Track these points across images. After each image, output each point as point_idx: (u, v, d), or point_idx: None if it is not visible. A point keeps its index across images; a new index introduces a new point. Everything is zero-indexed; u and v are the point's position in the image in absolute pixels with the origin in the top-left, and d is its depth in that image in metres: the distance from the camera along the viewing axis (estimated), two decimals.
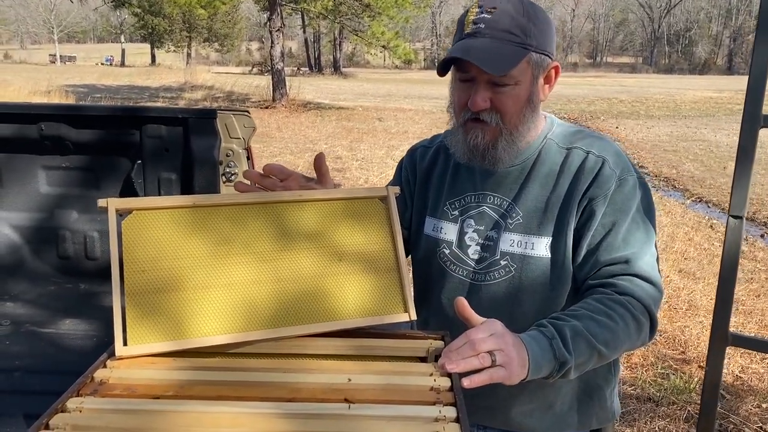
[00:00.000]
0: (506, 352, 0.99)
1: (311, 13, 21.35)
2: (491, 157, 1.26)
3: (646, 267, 1.21)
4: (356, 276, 1.17)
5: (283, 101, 19.32)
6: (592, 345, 1.10)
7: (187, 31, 47.60)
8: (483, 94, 1.21)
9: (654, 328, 1.21)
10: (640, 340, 1.19)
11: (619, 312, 1.14)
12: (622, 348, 1.17)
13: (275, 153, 11.27)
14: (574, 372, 1.10)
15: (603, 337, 1.11)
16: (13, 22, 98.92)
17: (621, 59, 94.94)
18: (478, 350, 0.97)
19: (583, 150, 1.28)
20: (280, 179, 1.23)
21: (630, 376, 3.66)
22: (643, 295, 1.18)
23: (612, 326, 1.13)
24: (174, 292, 1.06)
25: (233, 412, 0.87)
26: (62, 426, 0.85)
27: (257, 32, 69.17)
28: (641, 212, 1.25)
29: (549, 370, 1.07)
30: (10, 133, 2.14)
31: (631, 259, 1.21)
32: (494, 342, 0.98)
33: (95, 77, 31.23)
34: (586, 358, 1.10)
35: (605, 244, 1.23)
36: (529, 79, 1.22)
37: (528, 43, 1.20)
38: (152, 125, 2.13)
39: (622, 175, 1.25)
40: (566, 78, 50.36)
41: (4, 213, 2.26)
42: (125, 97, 21.38)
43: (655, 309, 1.20)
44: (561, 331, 1.09)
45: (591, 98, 26.66)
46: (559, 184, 1.27)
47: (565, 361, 1.07)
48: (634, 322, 1.16)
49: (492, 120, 1.23)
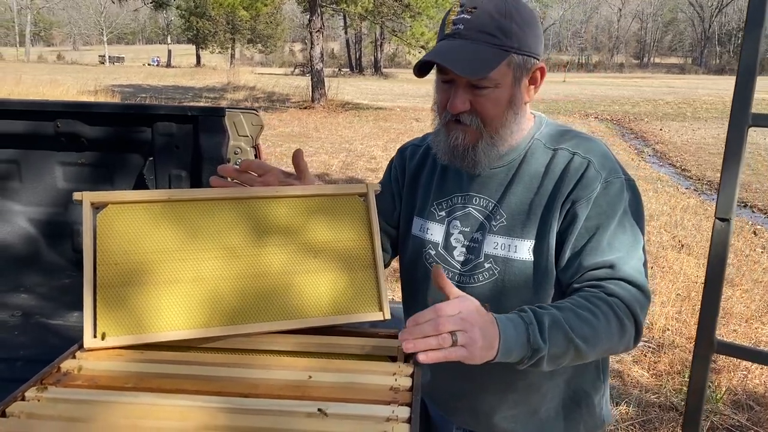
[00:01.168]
0: (470, 334, 0.96)
1: (351, 13, 21.45)
2: (471, 159, 1.23)
3: (632, 271, 1.17)
4: (330, 273, 1.16)
5: (321, 102, 19.46)
6: (569, 338, 1.06)
7: (231, 32, 48.39)
8: (462, 97, 1.18)
9: (639, 333, 1.16)
10: (623, 344, 1.15)
11: (602, 310, 1.11)
12: (602, 347, 1.12)
13: (311, 153, 11.35)
14: (547, 363, 1.06)
15: (582, 332, 1.07)
16: (66, 24, 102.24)
17: (669, 60, 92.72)
18: (440, 330, 0.94)
19: (568, 151, 1.23)
20: (259, 174, 1.22)
21: (655, 383, 3.57)
22: (629, 298, 1.14)
23: (593, 322, 1.09)
24: (144, 285, 1.07)
25: (184, 406, 0.88)
26: (17, 414, 0.86)
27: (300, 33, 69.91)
28: (628, 215, 1.20)
29: (520, 355, 1.04)
30: (28, 129, 2.20)
31: (617, 263, 1.16)
32: (459, 322, 0.95)
33: (141, 78, 32.03)
34: (562, 351, 1.07)
35: (589, 248, 1.18)
36: (510, 82, 1.18)
37: (508, 45, 1.16)
38: (163, 123, 2.16)
39: (608, 177, 1.20)
40: (611, 79, 49.40)
41: (22, 207, 2.32)
42: (169, 97, 21.85)
43: (641, 314, 1.15)
44: (540, 318, 1.06)
45: (636, 99, 26.10)
46: (543, 185, 1.23)
47: (538, 348, 1.04)
48: (618, 322, 1.12)
49: (472, 123, 1.20)
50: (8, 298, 2.16)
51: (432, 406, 1.49)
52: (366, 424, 0.85)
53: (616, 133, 15.77)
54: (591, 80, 46.31)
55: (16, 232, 2.31)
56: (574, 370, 1.32)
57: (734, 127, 1.10)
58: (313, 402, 0.89)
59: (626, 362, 3.82)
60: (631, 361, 3.84)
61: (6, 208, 2.33)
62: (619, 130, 16.53)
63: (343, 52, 61.88)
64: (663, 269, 5.57)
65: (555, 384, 1.32)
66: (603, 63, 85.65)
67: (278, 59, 71.77)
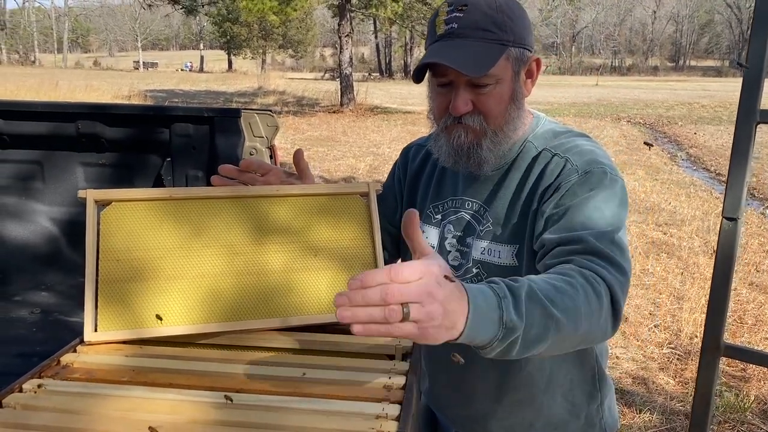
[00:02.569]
0: (427, 309, 0.73)
1: (381, 18, 21.52)
2: (476, 157, 1.19)
3: (608, 248, 1.03)
4: (330, 272, 1.16)
5: (350, 106, 19.55)
6: (548, 313, 0.87)
7: (263, 38, 48.93)
8: (464, 98, 1.15)
9: (617, 314, 0.99)
10: (600, 326, 0.96)
11: (579, 282, 0.94)
12: (583, 325, 0.92)
13: (338, 156, 11.40)
14: (521, 346, 0.85)
15: (562, 304, 0.88)
16: (102, 31, 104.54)
17: (705, 62, 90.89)
18: (388, 300, 0.71)
19: (550, 152, 1.19)
20: (260, 174, 1.23)
21: (681, 391, 3.49)
22: (604, 273, 0.99)
23: (572, 293, 0.91)
24: (145, 281, 1.08)
25: (176, 400, 0.88)
26: (13, 404, 0.88)
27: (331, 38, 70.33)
28: (607, 201, 1.10)
29: (488, 336, 0.81)
30: (50, 130, 2.25)
31: (585, 238, 1.03)
32: (415, 291, 0.72)
33: (174, 83, 32.58)
34: (541, 330, 0.86)
35: (560, 225, 1.09)
36: (510, 76, 1.16)
37: (505, 38, 1.13)
38: (180, 124, 2.19)
39: (587, 168, 1.13)
40: (645, 82, 48.63)
41: (45, 207, 2.37)
42: (201, 102, 22.18)
43: (619, 292, 0.99)
44: (514, 290, 0.85)
45: (670, 103, 25.64)
46: (524, 189, 1.19)
47: (513, 327, 0.82)
48: (596, 297, 0.94)
49: (475, 122, 1.17)
50: (28, 295, 2.21)
51: (436, 411, 1.48)
52: (355, 420, 0.84)
53: (648, 137, 15.50)
54: (624, 83, 45.68)
55: (38, 232, 2.36)
56: (570, 381, 1.29)
57: (742, 125, 1.06)
58: (305, 398, 0.89)
59: (652, 369, 3.75)
60: (657, 368, 3.77)
61: (29, 208, 2.38)
62: (652, 134, 16.24)
63: (374, 56, 62.07)
64: (693, 275, 5.45)
65: (550, 397, 1.29)
66: (637, 66, 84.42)
67: (309, 64, 72.34)
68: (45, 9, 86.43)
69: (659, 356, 3.90)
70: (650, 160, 11.97)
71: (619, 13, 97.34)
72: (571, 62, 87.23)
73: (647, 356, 3.91)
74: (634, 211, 7.73)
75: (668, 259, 5.85)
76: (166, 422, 0.84)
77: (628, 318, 4.45)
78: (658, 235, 6.74)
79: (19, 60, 66.98)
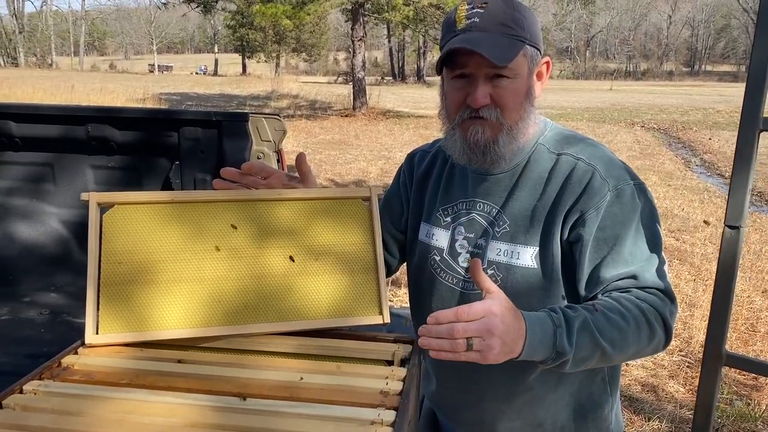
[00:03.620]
0: (487, 341, 0.95)
1: (394, 22, 21.54)
2: (493, 153, 1.20)
3: (656, 279, 1.15)
4: (331, 276, 1.16)
5: (362, 109, 19.58)
6: (596, 341, 1.05)
7: (277, 42, 49.15)
8: (483, 90, 1.16)
9: (669, 338, 1.14)
10: (651, 348, 1.14)
11: (633, 313, 1.09)
12: (629, 351, 1.11)
13: (350, 160, 11.42)
14: (572, 365, 1.06)
15: (610, 335, 1.06)
16: (118, 34, 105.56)
17: (721, 67, 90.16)
18: (455, 336, 0.94)
19: (573, 157, 1.20)
20: (262, 177, 1.23)
21: (690, 399, 3.45)
22: (658, 303, 1.13)
23: (623, 326, 1.08)
24: (147, 284, 1.09)
25: (173, 403, 0.89)
26: (13, 405, 0.89)
27: (344, 42, 70.52)
28: (645, 221, 1.17)
29: (543, 356, 1.04)
30: (61, 133, 2.28)
31: (639, 273, 1.15)
32: (478, 328, 0.95)
33: (188, 86, 32.79)
34: (588, 353, 1.06)
35: (610, 260, 1.16)
36: (526, 72, 1.18)
37: (523, 35, 1.16)
38: (189, 128, 2.21)
39: (618, 184, 1.17)
40: (661, 87, 48.30)
41: (55, 209, 2.40)
42: (215, 105, 22.31)
43: (671, 319, 1.14)
44: (569, 321, 1.05)
45: (685, 108, 25.45)
46: (546, 192, 1.20)
47: (563, 352, 1.03)
48: (648, 327, 1.10)
49: (492, 116, 1.18)
50: (38, 296, 2.23)
51: (440, 415, 1.47)
52: (349, 426, 0.85)
53: (662, 143, 15.39)
54: (639, 88, 45.42)
55: (48, 233, 2.39)
56: (580, 382, 1.29)
57: (745, 132, 1.05)
58: (301, 403, 0.90)
59: (662, 377, 3.71)
60: (667, 376, 3.73)
61: (40, 209, 2.41)
62: (666, 140, 16.13)
63: (387, 60, 62.18)
64: (706, 282, 5.39)
65: (560, 396, 1.29)
66: (652, 71, 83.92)
67: (322, 68, 72.57)
68: (62, 12, 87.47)
69: (669, 364, 3.86)
70: (664, 165, 11.88)
71: (634, 18, 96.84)
72: (585, 67, 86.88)
73: (657, 364, 3.87)
74: None
75: (680, 266, 5.80)
76: (162, 425, 0.84)
77: None
78: (671, 241, 6.68)
79: (36, 63, 67.75)
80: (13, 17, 67.03)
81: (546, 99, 31.34)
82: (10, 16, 67.94)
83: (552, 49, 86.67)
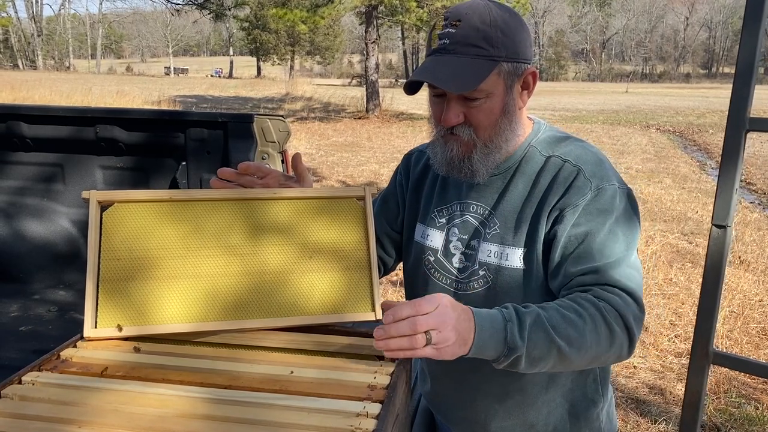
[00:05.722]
0: (443, 333, 0.95)
1: (407, 25, 21.57)
2: (467, 169, 1.22)
3: (622, 278, 1.11)
4: (326, 273, 1.18)
5: (375, 112, 19.63)
6: (551, 338, 1.02)
7: (291, 44, 49.38)
8: (455, 110, 1.17)
9: (632, 343, 1.09)
10: (614, 351, 1.08)
11: (590, 312, 1.05)
12: (589, 352, 1.05)
13: (362, 162, 11.46)
14: (526, 363, 1.02)
15: (566, 333, 1.02)
16: (135, 38, 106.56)
17: None
18: (417, 329, 0.93)
19: (560, 158, 1.21)
20: (259, 177, 1.26)
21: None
22: (619, 303, 1.08)
23: (579, 324, 1.04)
24: (145, 280, 1.11)
25: (166, 395, 0.91)
26: (11, 396, 0.92)
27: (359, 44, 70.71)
28: (620, 223, 1.16)
29: (495, 353, 1.01)
30: (71, 134, 2.32)
31: (604, 269, 1.12)
32: (434, 320, 0.94)
33: (203, 88, 33.05)
34: (543, 351, 1.02)
35: (577, 254, 1.14)
36: (502, 90, 1.17)
37: (496, 54, 1.14)
38: (195, 129, 2.24)
39: (600, 184, 1.17)
40: (677, 89, 47.93)
41: (65, 208, 2.45)
42: (229, 107, 22.46)
43: (633, 321, 1.08)
44: (520, 316, 1.02)
45: (701, 110, 25.24)
46: (533, 193, 1.21)
47: (515, 347, 1.00)
48: (606, 327, 1.06)
49: (465, 134, 1.19)
50: (47, 293, 2.28)
51: (436, 414, 1.49)
52: (335, 417, 0.86)
53: (677, 146, 15.28)
54: (655, 90, 45.07)
55: (58, 232, 2.43)
56: (572, 383, 1.30)
57: (731, 133, 1.06)
58: (289, 395, 0.92)
59: (670, 379, 3.70)
60: (675, 379, 3.71)
61: (51, 208, 2.45)
62: (681, 142, 16.01)
63: (401, 62, 62.21)
64: None
65: (551, 398, 1.30)
66: (668, 73, 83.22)
67: (336, 70, 72.79)
68: (80, 16, 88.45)
69: (678, 366, 3.85)
70: (678, 168, 11.80)
71: (650, 20, 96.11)
72: (601, 69, 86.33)
73: (666, 366, 3.86)
74: (660, 220, 7.63)
75: (693, 269, 5.76)
76: (155, 415, 0.87)
77: (648, 328, 4.40)
78: (684, 244, 6.64)
79: (54, 66, 68.64)
80: (31, 21, 67.94)
81: (560, 101, 31.19)
82: (29, 19, 68.86)
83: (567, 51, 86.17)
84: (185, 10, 20.30)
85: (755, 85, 1.03)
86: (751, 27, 0.98)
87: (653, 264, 5.80)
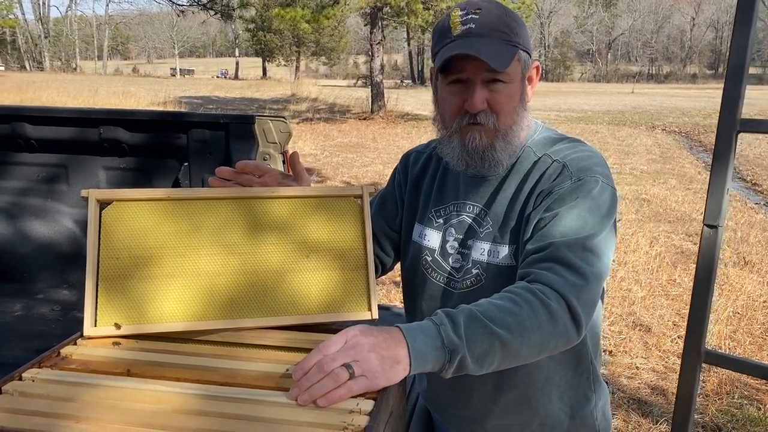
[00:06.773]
0: (361, 362, 0.90)
1: (413, 26, 21.60)
2: (491, 158, 1.22)
3: (574, 258, 1.07)
4: (323, 272, 1.19)
5: (380, 113, 19.66)
6: (490, 330, 0.97)
7: (296, 45, 49.47)
8: (480, 95, 1.18)
9: (578, 322, 1.05)
10: (558, 332, 1.03)
11: (524, 297, 1.02)
12: (533, 337, 1.01)
13: (366, 163, 11.48)
14: (473, 363, 0.98)
15: (504, 321, 0.98)
16: (141, 39, 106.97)
17: None
18: (327, 370, 0.89)
19: (550, 157, 1.22)
20: (257, 176, 1.27)
21: (701, 403, 3.43)
22: (559, 282, 1.04)
23: (515, 310, 1.00)
24: (144, 278, 1.13)
25: (162, 391, 0.93)
26: (11, 391, 0.93)
27: (364, 46, 70.77)
28: (594, 212, 1.13)
29: (438, 361, 0.96)
30: (75, 135, 2.35)
31: (557, 245, 1.08)
32: (344, 354, 0.91)
33: (209, 89, 33.15)
34: (486, 346, 0.97)
35: (540, 234, 1.13)
36: (519, 77, 1.20)
37: (516, 41, 1.18)
38: (197, 129, 2.26)
39: (582, 176, 1.16)
40: (683, 90, 47.76)
41: (69, 209, 2.47)
42: (235, 108, 22.53)
43: (577, 302, 1.04)
44: (452, 316, 0.98)
45: (708, 111, 25.17)
46: (522, 191, 1.22)
47: (455, 348, 0.95)
48: (545, 309, 1.02)
49: (489, 121, 1.20)
50: (51, 293, 2.30)
51: (433, 413, 1.50)
52: (328, 414, 0.87)
53: (683, 146, 15.24)
54: (661, 91, 44.96)
55: (62, 232, 2.46)
56: (566, 382, 1.31)
57: (723, 134, 1.06)
58: (284, 392, 0.93)
59: (672, 380, 3.69)
60: (677, 379, 3.71)
61: (54, 209, 2.48)
62: (687, 143, 15.96)
63: (406, 63, 62.26)
64: (722, 286, 5.34)
65: (546, 396, 1.30)
66: (675, 74, 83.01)
67: (342, 71, 72.88)
68: (86, 17, 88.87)
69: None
70: (684, 169, 11.77)
71: (656, 20, 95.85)
72: (607, 69, 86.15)
73: (668, 367, 3.85)
74: (664, 221, 7.62)
75: None
76: (151, 411, 0.88)
77: (651, 329, 4.39)
78: (688, 245, 6.62)
79: (61, 67, 68.96)
80: (38, 22, 68.28)
81: (566, 102, 31.15)
82: (36, 21, 69.18)
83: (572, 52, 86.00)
84: (191, 11, 20.39)
85: (746, 86, 1.04)
86: (742, 29, 0.99)
87: (657, 265, 5.79)
